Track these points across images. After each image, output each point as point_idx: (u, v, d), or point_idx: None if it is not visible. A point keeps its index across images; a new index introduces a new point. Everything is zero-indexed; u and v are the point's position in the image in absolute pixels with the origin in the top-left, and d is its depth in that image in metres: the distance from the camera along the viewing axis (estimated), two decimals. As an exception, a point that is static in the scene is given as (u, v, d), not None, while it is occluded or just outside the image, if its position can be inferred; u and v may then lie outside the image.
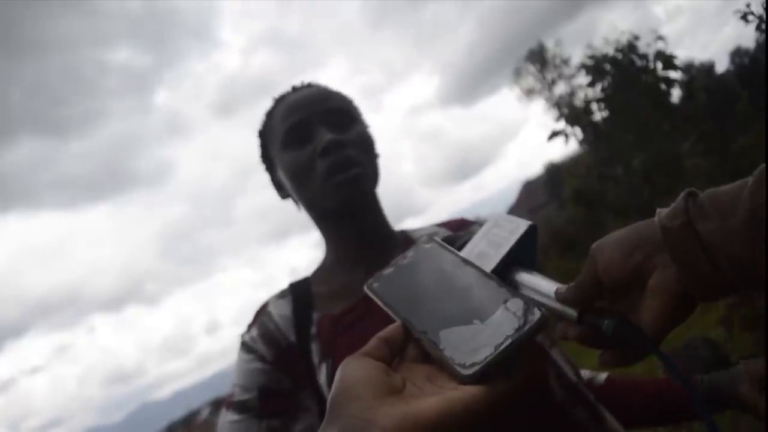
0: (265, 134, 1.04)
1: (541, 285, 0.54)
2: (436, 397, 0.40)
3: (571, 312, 0.52)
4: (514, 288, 0.54)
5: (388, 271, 0.54)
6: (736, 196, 0.44)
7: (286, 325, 0.92)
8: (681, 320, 0.49)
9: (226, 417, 0.87)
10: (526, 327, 0.43)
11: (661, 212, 0.48)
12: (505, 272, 0.55)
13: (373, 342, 0.46)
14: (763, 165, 0.43)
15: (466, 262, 0.52)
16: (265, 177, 1.08)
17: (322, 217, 0.98)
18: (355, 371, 0.42)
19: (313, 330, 0.90)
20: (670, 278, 0.46)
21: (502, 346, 0.42)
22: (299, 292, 0.97)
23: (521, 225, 0.57)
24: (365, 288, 0.53)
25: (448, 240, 0.63)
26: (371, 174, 0.96)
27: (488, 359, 0.42)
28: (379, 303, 0.51)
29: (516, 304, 0.45)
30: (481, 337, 0.43)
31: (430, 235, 0.58)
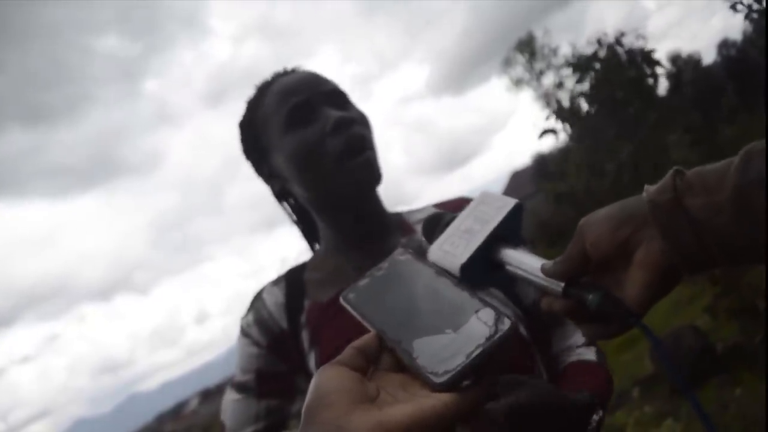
0: (252, 124, 0.98)
1: (526, 261, 0.56)
2: (409, 404, 0.41)
3: (557, 286, 0.53)
4: (499, 265, 0.57)
5: (363, 282, 0.55)
6: (723, 174, 0.46)
7: (278, 312, 0.95)
8: (664, 293, 0.51)
9: (229, 396, 0.93)
10: (497, 336, 0.44)
11: (650, 188, 0.50)
12: (491, 249, 0.57)
13: (348, 351, 0.47)
14: (748, 146, 0.45)
15: (439, 273, 0.53)
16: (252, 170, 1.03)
17: (329, 201, 0.94)
18: (329, 379, 0.43)
19: (303, 318, 0.92)
20: (656, 251, 0.49)
21: (473, 355, 0.44)
22: (292, 279, 0.98)
23: (508, 203, 0.59)
24: (341, 299, 0.54)
25: (436, 217, 0.65)
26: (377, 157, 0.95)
27: (459, 367, 0.43)
28: (354, 314, 0.52)
29: (487, 314, 0.46)
30: (454, 346, 0.45)
31: (404, 247, 0.59)
